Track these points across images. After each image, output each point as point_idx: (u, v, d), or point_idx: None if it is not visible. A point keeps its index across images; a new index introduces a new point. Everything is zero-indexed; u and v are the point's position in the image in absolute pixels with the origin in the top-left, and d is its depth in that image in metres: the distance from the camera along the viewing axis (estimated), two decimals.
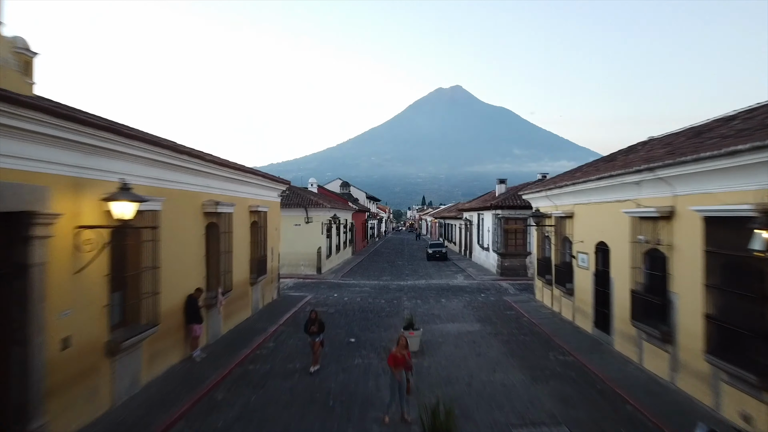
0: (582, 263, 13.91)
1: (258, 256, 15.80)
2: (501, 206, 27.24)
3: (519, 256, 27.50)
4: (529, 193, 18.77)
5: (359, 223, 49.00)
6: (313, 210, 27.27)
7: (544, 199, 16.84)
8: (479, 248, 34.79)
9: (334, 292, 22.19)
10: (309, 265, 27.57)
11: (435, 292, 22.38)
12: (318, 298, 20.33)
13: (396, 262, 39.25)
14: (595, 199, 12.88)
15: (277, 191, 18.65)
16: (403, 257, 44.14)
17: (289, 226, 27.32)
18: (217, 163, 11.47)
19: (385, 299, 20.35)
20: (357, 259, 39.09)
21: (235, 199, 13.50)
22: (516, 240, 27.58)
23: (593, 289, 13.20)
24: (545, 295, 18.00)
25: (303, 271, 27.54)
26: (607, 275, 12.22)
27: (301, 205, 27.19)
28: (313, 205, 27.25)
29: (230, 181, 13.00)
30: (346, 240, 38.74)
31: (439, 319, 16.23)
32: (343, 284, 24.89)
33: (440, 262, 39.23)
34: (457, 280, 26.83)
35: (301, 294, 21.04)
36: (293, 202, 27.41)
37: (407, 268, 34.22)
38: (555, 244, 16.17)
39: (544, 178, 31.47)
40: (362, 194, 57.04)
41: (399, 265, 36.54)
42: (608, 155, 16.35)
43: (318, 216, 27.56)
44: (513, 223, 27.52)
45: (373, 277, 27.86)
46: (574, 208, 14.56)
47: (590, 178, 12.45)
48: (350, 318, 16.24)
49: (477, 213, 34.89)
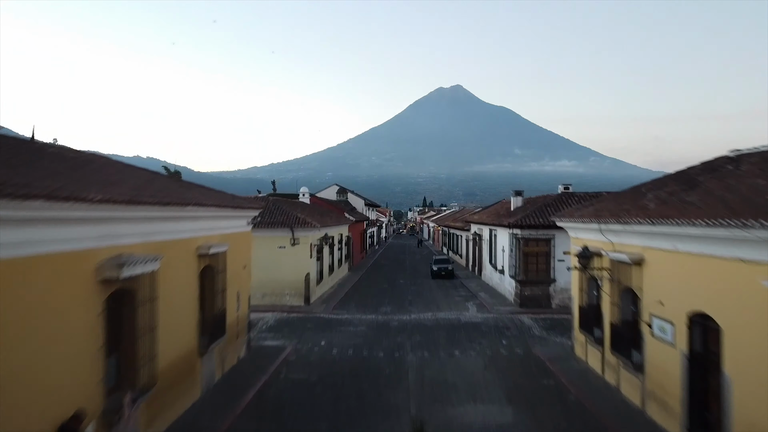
0: (661, 333, 9.89)
1: (212, 313, 11.78)
2: (520, 225, 23.20)
3: (541, 284, 23.48)
4: (571, 222, 14.71)
5: (357, 234, 45.00)
6: (301, 230, 23.24)
7: (595, 232, 12.80)
8: (491, 268, 30.76)
9: (322, 336, 18.13)
10: (295, 294, 23.54)
11: (445, 335, 18.35)
12: (300, 349, 16.26)
13: (397, 281, 35.25)
14: (689, 248, 8.83)
15: (247, 218, 14.63)
16: (404, 273, 40.12)
17: (272, 248, 23.33)
18: (127, 203, 7.47)
19: (384, 350, 16.29)
20: (353, 278, 35.05)
21: (167, 244, 9.48)
22: (537, 264, 23.56)
23: (684, 377, 9.17)
24: (590, 355, 13.99)
25: (288, 302, 23.51)
26: (715, 364, 8.20)
27: (287, 224, 23.16)
28: (301, 225, 23.21)
29: (157, 221, 8.99)
30: (341, 257, 34.72)
31: (455, 393, 12.19)
32: (334, 321, 20.86)
33: (446, 280, 35.25)
34: (469, 312, 22.80)
35: (280, 344, 16.94)
36: (277, 221, 23.39)
37: (410, 290, 30.18)
38: (611, 296, 12.14)
39: (567, 189, 27.44)
40: (360, 201, 53.03)
41: (400, 285, 32.53)
42: (679, 174, 12.36)
43: (306, 237, 23.53)
44: (534, 245, 23.48)
45: (370, 308, 23.83)
46: (645, 253, 10.53)
47: (685, 222, 8.38)
48: (337, 393, 12.18)
49: (488, 228, 30.85)
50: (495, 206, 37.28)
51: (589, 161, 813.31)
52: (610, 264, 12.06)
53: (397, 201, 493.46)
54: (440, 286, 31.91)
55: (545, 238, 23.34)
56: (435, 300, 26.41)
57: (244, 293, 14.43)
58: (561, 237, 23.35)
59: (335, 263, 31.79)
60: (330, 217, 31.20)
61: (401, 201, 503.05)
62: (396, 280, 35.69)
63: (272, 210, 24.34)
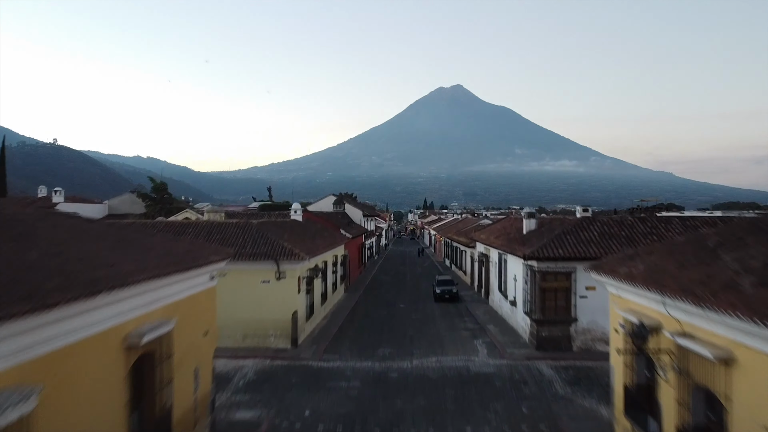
0: None
1: (152, 416, 8.92)
2: (537, 257, 20.33)
3: (560, 324, 20.62)
4: (616, 281, 11.64)
5: (354, 249, 42.17)
6: (288, 263, 20.38)
7: (653, 301, 9.91)
8: (500, 295, 27.92)
9: (308, 399, 15.24)
10: (281, 335, 20.69)
11: (453, 396, 15.51)
12: (279, 426, 13.40)
13: (397, 305, 32.46)
14: None
15: (209, 273, 11.75)
16: (405, 293, 37.33)
17: (254, 283, 20.50)
18: None
19: (381, 424, 13.45)
20: (349, 302, 32.21)
21: (60, 355, 6.61)
22: (556, 301, 20.69)
23: None
24: None
25: (273, 344, 20.65)
26: None
27: (271, 256, 20.30)
28: (288, 257, 20.35)
29: (44, 327, 6.12)
30: (336, 280, 31.88)
31: None
32: (324, 371, 18.00)
33: (450, 304, 32.47)
34: (479, 358, 19.95)
35: (254, 415, 13.99)
36: (260, 252, 20.54)
37: (411, 319, 27.36)
38: (676, 391, 9.27)
39: (586, 212, 24.46)
40: (358, 213, 50.15)
41: (401, 313, 29.76)
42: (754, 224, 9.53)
43: (294, 270, 20.67)
44: (552, 279, 20.62)
45: (366, 349, 20.98)
46: (738, 351, 7.65)
47: None
48: None
49: (498, 251, 27.98)
50: (503, 223, 34.42)
51: (589, 161, 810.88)
52: (675, 349, 9.20)
53: (397, 201, 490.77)
54: (444, 314, 29.09)
55: (565, 271, 20.49)
56: (439, 336, 23.57)
57: (205, 367, 11.57)
58: (583, 271, 20.55)
59: (329, 290, 28.95)
60: (323, 239, 28.35)
61: (401, 201, 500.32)
62: (396, 303, 32.89)
63: (255, 238, 21.50)
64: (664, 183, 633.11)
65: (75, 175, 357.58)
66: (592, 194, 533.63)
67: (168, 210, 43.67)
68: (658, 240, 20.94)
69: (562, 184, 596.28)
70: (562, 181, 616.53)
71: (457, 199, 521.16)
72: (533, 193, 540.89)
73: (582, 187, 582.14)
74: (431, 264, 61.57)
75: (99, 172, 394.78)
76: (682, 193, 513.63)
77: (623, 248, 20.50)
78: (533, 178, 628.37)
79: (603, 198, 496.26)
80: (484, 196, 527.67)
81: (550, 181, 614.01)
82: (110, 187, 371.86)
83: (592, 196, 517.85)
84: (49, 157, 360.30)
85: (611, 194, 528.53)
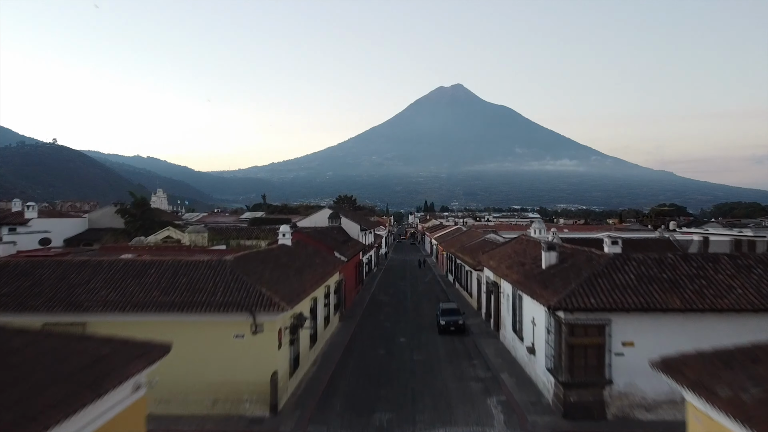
0: None
1: None
2: (566, 307, 16.95)
3: (591, 387, 17.24)
4: (719, 414, 8.11)
5: (350, 270, 38.84)
6: (266, 314, 17.01)
7: None
8: (514, 335, 24.60)
9: None
10: (258, 400, 17.30)
11: None
12: None
13: (397, 338, 29.18)
14: None
15: (133, 385, 8.35)
16: (405, 321, 34.06)
17: (225, 338, 17.18)
18: None
19: None
20: (343, 337, 28.85)
21: None
22: (586, 359, 17.31)
23: None
24: None
25: (249, 411, 17.26)
26: None
27: (245, 306, 16.93)
28: (265, 307, 16.97)
29: None
30: (329, 312, 28.54)
31: None
32: None
33: (456, 338, 29.20)
34: (495, 430, 16.60)
35: None
36: (232, 301, 17.16)
37: (414, 362, 23.97)
38: None
39: (615, 244, 21.05)
40: (355, 227, 46.71)
41: (401, 349, 26.61)
42: None
43: (273, 322, 17.30)
44: (581, 332, 17.25)
45: (361, 417, 17.56)
46: None
47: None
48: None
49: (512, 286, 24.63)
50: (514, 246, 31.02)
51: (590, 160, 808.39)
52: None
53: (397, 201, 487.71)
54: (450, 353, 25.77)
55: (597, 324, 17.12)
56: (446, 390, 20.17)
57: None
58: (619, 322, 17.20)
59: (320, 326, 25.62)
60: (313, 272, 24.95)
61: (401, 200, 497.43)
62: (395, 336, 29.55)
63: (228, 281, 18.11)
64: (664, 182, 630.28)
65: (75, 175, 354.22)
66: (592, 194, 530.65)
67: (149, 227, 40.28)
68: (708, 285, 17.64)
69: (562, 184, 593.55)
70: (562, 181, 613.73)
71: (457, 199, 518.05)
72: (534, 192, 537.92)
73: (582, 187, 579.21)
74: (433, 278, 58.25)
75: (99, 172, 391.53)
76: (683, 192, 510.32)
77: (667, 295, 17.20)
78: (534, 177, 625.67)
79: (603, 197, 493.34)
80: (484, 196, 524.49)
81: (550, 181, 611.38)
82: (110, 187, 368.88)
83: (593, 195, 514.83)
84: (48, 157, 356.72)
85: (612, 194, 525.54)
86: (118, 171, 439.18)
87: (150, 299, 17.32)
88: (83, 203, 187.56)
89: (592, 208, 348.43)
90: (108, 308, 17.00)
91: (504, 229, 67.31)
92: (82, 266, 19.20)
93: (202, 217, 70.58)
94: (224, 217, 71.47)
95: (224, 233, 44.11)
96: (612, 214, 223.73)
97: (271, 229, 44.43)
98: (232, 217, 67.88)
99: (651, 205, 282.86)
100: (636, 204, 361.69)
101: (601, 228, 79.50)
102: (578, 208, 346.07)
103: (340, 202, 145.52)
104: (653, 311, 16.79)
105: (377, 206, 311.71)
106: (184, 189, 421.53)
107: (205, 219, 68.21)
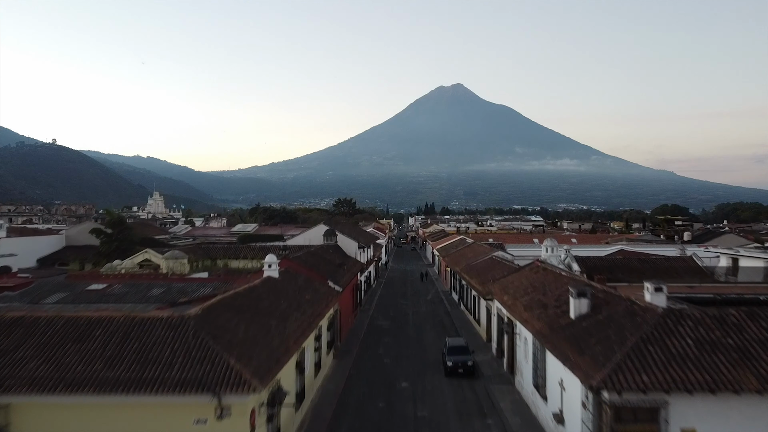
0: None
1: None
2: (612, 387, 13.42)
3: None
4: None
5: (347, 295, 35.35)
6: (234, 395, 13.49)
7: None
8: (533, 389, 21.10)
9: None
10: None
11: None
12: None
13: (399, 383, 25.68)
14: None
15: None
16: (407, 355, 30.57)
17: (184, 423, 13.66)
18: None
19: None
20: (336, 383, 25.31)
21: None
22: None
23: None
24: None
25: None
26: None
27: (207, 386, 13.41)
28: (233, 386, 13.45)
29: None
30: (320, 357, 25.06)
31: None
32: None
33: (465, 381, 25.75)
34: None
35: None
36: (192, 377, 13.64)
37: (416, 419, 20.41)
38: None
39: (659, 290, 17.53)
40: (353, 245, 43.19)
41: (403, 398, 23.11)
42: None
43: (244, 403, 13.78)
44: (630, 416, 13.75)
45: None
46: None
47: None
48: None
49: (533, 337, 21.07)
50: (529, 275, 27.50)
51: (590, 160, 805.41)
52: None
53: (397, 201, 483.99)
54: (460, 408, 22.26)
55: (650, 406, 13.64)
56: None
57: None
58: (678, 405, 13.71)
59: (308, 380, 22.13)
60: (302, 314, 21.44)
61: (402, 200, 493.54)
62: (396, 381, 26.01)
63: (190, 347, 14.58)
64: (665, 182, 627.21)
65: (74, 176, 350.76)
66: (593, 193, 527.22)
67: (126, 248, 36.77)
68: None
69: (563, 183, 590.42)
70: (563, 180, 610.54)
71: (457, 199, 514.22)
72: (534, 192, 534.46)
73: (583, 186, 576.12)
74: (436, 295, 54.77)
75: (98, 172, 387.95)
76: (683, 192, 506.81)
77: (737, 370, 13.71)
78: (534, 177, 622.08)
79: (604, 197, 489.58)
80: (484, 196, 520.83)
81: (551, 180, 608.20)
82: (110, 187, 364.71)
83: (593, 195, 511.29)
84: (48, 158, 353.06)
85: (612, 193, 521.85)
86: (117, 171, 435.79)
87: (90, 375, 13.82)
88: (79, 206, 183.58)
89: (593, 208, 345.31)
90: (36, 388, 13.52)
91: (510, 241, 63.87)
92: (12, 326, 15.68)
93: (190, 230, 66.48)
94: (214, 229, 67.49)
95: (211, 252, 40.68)
96: (613, 215, 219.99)
97: (262, 248, 41.07)
98: (222, 230, 64.01)
99: (651, 204, 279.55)
100: (636, 204, 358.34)
101: (611, 237, 76.03)
102: (579, 208, 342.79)
103: (340, 204, 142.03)
104: (722, 392, 13.34)
105: (377, 207, 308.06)
106: (183, 189, 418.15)
107: (193, 232, 64.48)
